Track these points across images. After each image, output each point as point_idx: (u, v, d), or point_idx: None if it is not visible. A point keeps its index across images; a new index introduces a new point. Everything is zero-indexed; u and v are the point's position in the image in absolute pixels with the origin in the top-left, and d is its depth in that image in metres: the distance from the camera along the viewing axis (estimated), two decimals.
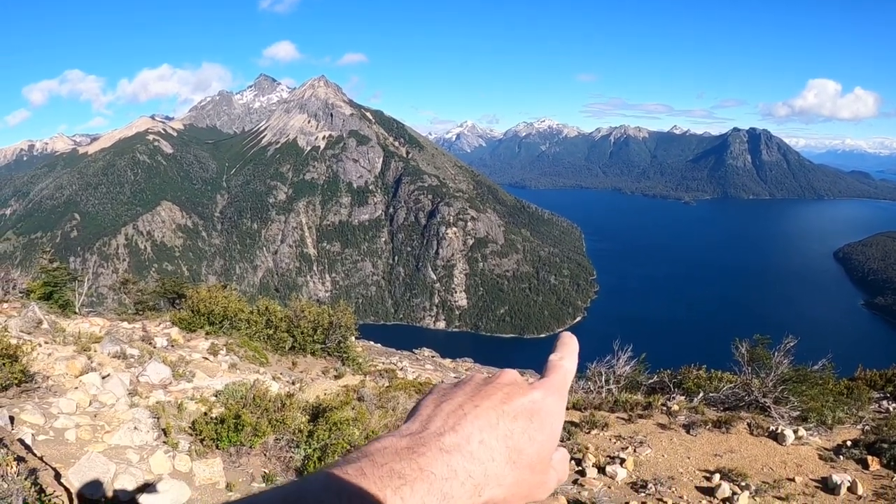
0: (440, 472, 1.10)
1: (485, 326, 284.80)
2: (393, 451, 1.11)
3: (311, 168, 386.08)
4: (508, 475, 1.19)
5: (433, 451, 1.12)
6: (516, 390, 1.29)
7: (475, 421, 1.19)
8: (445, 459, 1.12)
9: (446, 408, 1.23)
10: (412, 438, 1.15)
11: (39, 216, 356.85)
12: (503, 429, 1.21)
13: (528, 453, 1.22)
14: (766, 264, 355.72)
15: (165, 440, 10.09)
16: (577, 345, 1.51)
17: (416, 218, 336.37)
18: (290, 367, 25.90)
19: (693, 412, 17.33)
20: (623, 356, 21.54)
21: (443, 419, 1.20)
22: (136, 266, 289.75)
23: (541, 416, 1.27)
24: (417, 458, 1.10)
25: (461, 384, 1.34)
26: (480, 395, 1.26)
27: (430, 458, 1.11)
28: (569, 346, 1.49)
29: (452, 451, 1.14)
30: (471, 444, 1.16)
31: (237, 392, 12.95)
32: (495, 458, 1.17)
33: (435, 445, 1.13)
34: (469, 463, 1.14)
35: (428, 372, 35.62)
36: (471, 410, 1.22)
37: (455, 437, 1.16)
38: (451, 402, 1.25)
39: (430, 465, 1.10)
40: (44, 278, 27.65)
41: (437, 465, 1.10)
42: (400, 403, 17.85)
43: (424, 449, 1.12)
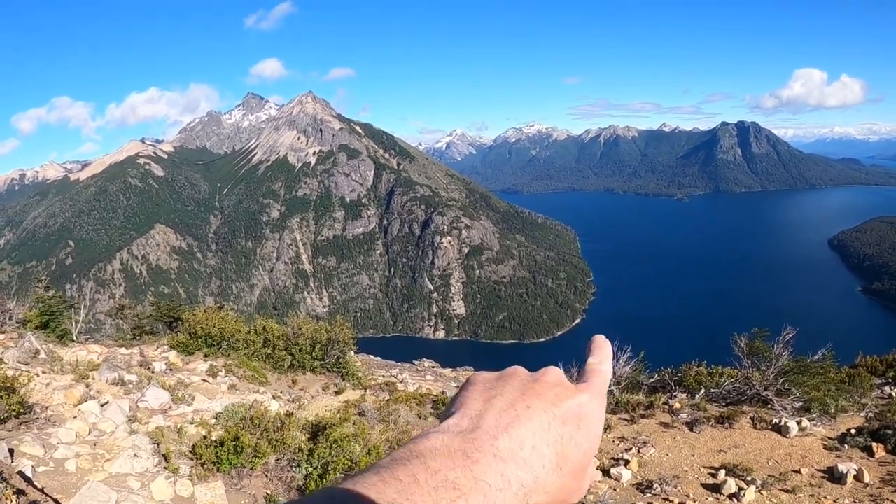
0: (494, 483, 1.04)
1: (484, 333, 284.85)
2: (446, 455, 1.05)
3: (303, 184, 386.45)
4: (555, 482, 1.15)
5: (488, 458, 1.06)
6: (565, 392, 1.25)
7: (528, 423, 1.15)
8: (500, 468, 1.07)
9: (497, 405, 1.17)
10: (464, 439, 1.10)
11: (33, 245, 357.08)
12: (554, 433, 1.17)
13: (573, 460, 1.19)
14: (762, 256, 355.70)
15: (166, 466, 10.04)
16: (611, 349, 1.45)
17: (410, 229, 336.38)
18: (290, 386, 25.83)
19: (695, 409, 17.30)
20: (623, 356, 21.49)
21: (495, 418, 1.14)
22: (133, 290, 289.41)
23: (588, 421, 1.23)
24: (472, 466, 1.04)
25: (505, 378, 1.28)
26: (531, 395, 1.20)
27: (484, 465, 1.05)
28: (604, 349, 1.43)
29: (507, 460, 1.08)
30: (524, 451, 1.11)
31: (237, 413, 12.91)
32: (545, 466, 1.13)
33: (489, 451, 1.08)
34: (522, 472, 1.09)
35: (429, 383, 35.55)
36: (523, 411, 1.16)
37: (509, 442, 1.10)
38: (502, 398, 1.19)
39: (484, 474, 1.04)
40: (40, 307, 27.46)
41: (492, 474, 1.05)
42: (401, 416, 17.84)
43: (479, 455, 1.06)
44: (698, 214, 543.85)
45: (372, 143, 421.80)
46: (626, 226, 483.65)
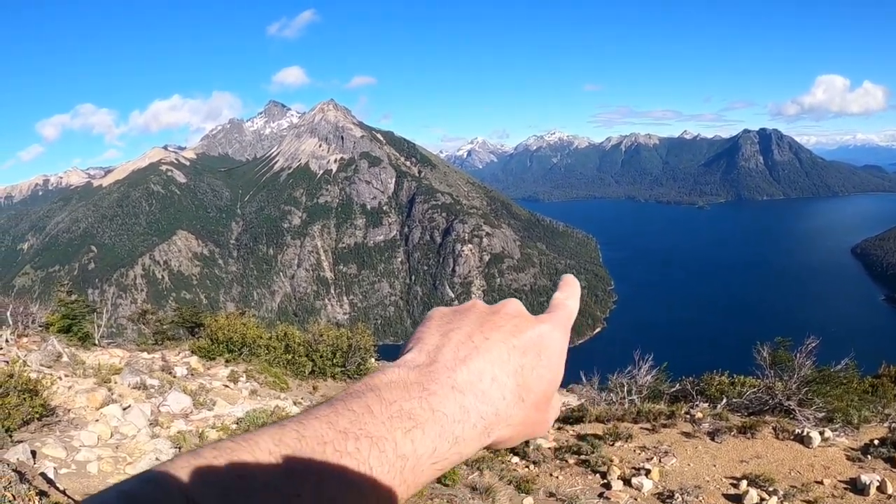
0: (452, 414, 1.02)
1: None
2: (402, 387, 1.02)
3: (324, 191, 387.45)
4: (517, 414, 1.13)
5: (445, 390, 1.03)
6: (524, 323, 1.21)
7: (486, 355, 1.10)
8: (458, 399, 1.04)
9: (455, 338, 1.12)
10: (421, 373, 1.05)
11: (56, 250, 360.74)
12: (514, 364, 1.13)
13: (536, 391, 1.15)
14: (784, 264, 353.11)
15: None
16: (579, 287, 1.45)
17: (431, 236, 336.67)
18: (311, 392, 25.83)
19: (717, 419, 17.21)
20: (644, 365, 21.41)
21: (452, 351, 1.10)
22: (154, 296, 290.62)
23: (549, 351, 1.20)
24: (429, 397, 1.01)
25: (463, 311, 1.24)
26: (489, 327, 1.16)
27: (441, 397, 1.02)
28: (572, 286, 1.44)
29: (465, 391, 1.05)
30: (483, 382, 1.07)
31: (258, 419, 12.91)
32: (506, 397, 1.10)
33: (447, 383, 1.04)
34: (482, 403, 1.06)
35: None
36: (482, 343, 1.12)
37: (468, 374, 1.07)
38: (460, 331, 1.14)
39: (441, 405, 1.01)
40: (62, 311, 27.62)
41: (449, 405, 1.02)
42: None
43: (436, 387, 1.03)
44: (720, 223, 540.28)
45: (393, 151, 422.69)
46: (648, 234, 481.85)
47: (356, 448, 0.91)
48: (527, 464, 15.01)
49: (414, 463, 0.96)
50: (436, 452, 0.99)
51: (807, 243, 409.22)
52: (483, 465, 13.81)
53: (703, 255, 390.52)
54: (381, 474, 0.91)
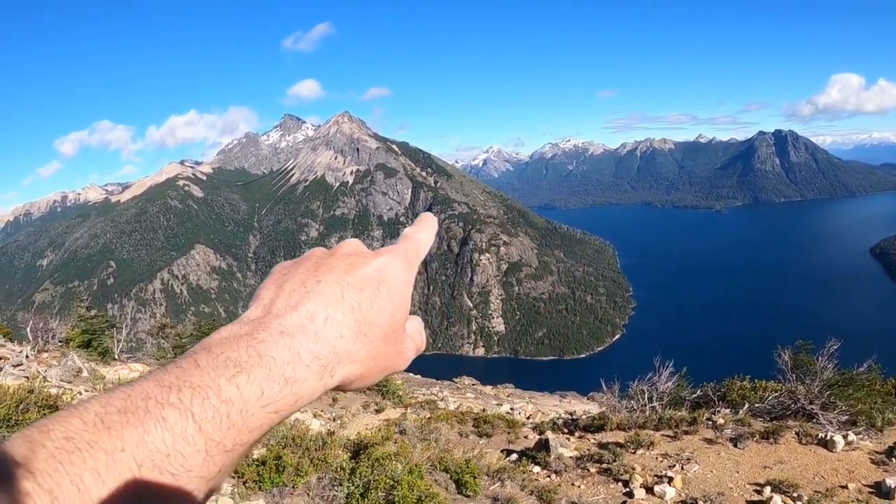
0: (281, 357, 1.02)
1: (524, 350, 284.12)
2: (232, 340, 1.02)
3: (340, 203, 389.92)
4: (361, 350, 1.13)
5: (273, 336, 1.03)
6: (360, 259, 1.21)
7: (318, 297, 1.10)
8: (287, 342, 1.03)
9: (288, 287, 1.13)
10: (253, 325, 1.06)
11: (75, 265, 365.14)
12: (349, 301, 1.12)
13: (378, 325, 1.15)
14: (802, 267, 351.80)
15: None
16: (435, 223, 1.47)
17: (448, 246, 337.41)
18: (331, 404, 25.84)
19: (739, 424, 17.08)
20: (665, 372, 21.30)
21: (285, 300, 1.10)
22: (174, 310, 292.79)
23: (389, 284, 1.20)
24: (256, 345, 1.01)
25: (301, 260, 1.23)
26: (323, 269, 1.17)
27: (269, 343, 1.02)
28: (425, 221, 1.46)
29: (295, 333, 1.05)
30: (315, 323, 1.08)
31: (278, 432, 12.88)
32: (344, 335, 1.10)
33: (276, 329, 1.04)
34: (314, 343, 1.06)
35: (469, 401, 35.44)
36: (314, 286, 1.12)
37: (297, 317, 1.07)
38: (293, 280, 1.14)
39: (269, 350, 1.01)
40: (82, 326, 27.69)
41: (278, 349, 1.02)
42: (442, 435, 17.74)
43: (265, 335, 1.03)
44: (737, 226, 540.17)
45: (409, 162, 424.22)
46: (665, 239, 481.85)
47: (178, 399, 0.92)
48: (548, 473, 14.95)
49: (241, 406, 0.96)
50: (265, 395, 0.99)
51: (825, 244, 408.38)
52: (504, 475, 13.76)
53: (721, 259, 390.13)
54: (204, 419, 0.92)
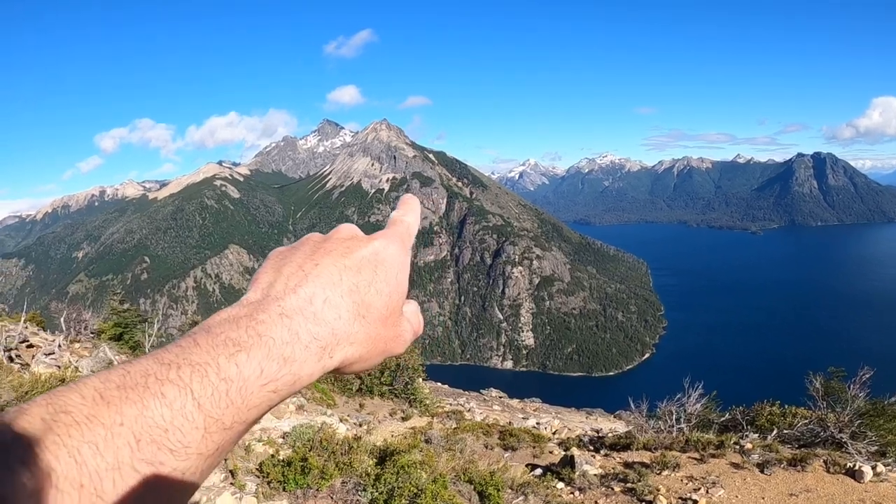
0: (280, 337, 1.05)
1: (552, 365, 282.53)
2: (231, 321, 1.06)
3: (375, 210, 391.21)
4: (359, 332, 1.17)
5: (273, 317, 1.07)
6: (356, 243, 1.27)
7: (317, 279, 1.15)
8: (286, 324, 1.07)
9: (286, 271, 1.17)
10: (252, 308, 1.09)
11: (110, 259, 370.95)
12: (347, 283, 1.17)
13: (376, 307, 1.20)
14: (839, 293, 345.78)
15: (233, 482, 10.09)
16: (418, 204, 1.52)
17: (481, 258, 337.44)
18: (358, 409, 25.88)
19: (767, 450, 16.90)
20: (694, 393, 21.15)
21: (283, 283, 1.14)
22: (205, 308, 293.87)
23: (385, 266, 1.25)
24: (256, 326, 1.05)
25: (297, 245, 1.27)
26: (320, 253, 1.21)
27: (269, 324, 1.06)
28: (410, 203, 1.51)
29: (293, 315, 1.09)
30: (314, 305, 1.12)
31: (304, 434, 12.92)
32: (342, 316, 1.14)
33: (275, 311, 1.08)
34: (313, 325, 1.10)
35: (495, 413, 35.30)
36: (312, 269, 1.17)
37: (296, 300, 1.11)
38: (291, 264, 1.19)
39: (269, 331, 1.05)
40: (114, 319, 27.96)
41: (277, 330, 1.06)
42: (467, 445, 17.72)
43: (264, 316, 1.06)
44: (773, 248, 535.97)
45: (445, 172, 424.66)
46: (700, 259, 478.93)
47: (178, 375, 0.93)
48: (572, 490, 14.87)
49: (240, 385, 0.98)
50: (264, 374, 1.01)
51: (862, 270, 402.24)
52: (528, 490, 13.70)
53: (755, 280, 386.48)
54: (203, 396, 0.94)
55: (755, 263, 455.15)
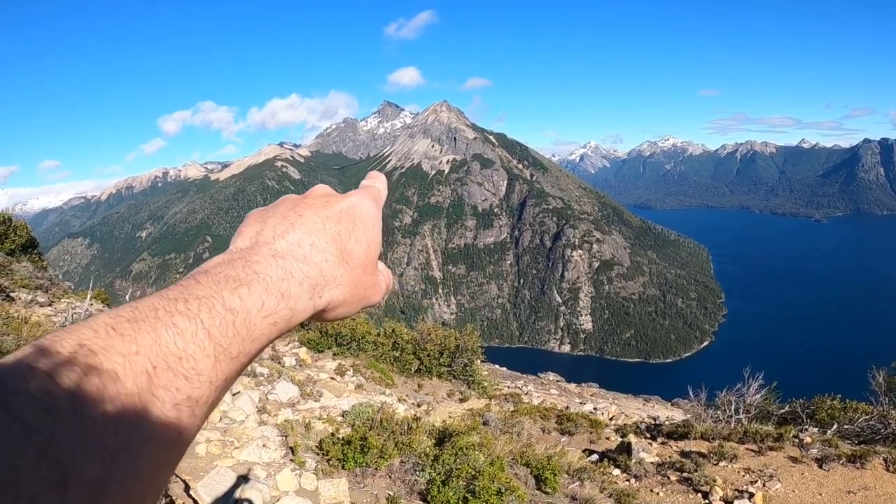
0: (276, 274, 1.12)
1: (610, 350, 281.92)
2: (227, 263, 1.12)
3: (435, 192, 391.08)
4: (343, 274, 1.26)
5: (266, 258, 1.14)
6: (334, 198, 1.37)
7: (302, 227, 1.24)
8: (280, 263, 1.15)
9: (272, 221, 1.25)
10: (244, 251, 1.16)
11: (173, 238, 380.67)
12: (330, 231, 1.27)
13: (357, 254, 1.30)
14: None
15: (292, 458, 10.22)
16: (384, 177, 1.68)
17: (541, 240, 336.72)
18: (416, 390, 25.98)
19: (826, 445, 16.68)
20: (754, 384, 20.89)
21: (271, 230, 1.22)
22: None
23: (362, 218, 1.35)
24: (252, 265, 1.12)
25: (278, 203, 1.38)
26: (302, 206, 1.31)
27: (264, 263, 1.13)
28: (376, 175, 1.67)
29: (286, 256, 1.17)
30: (302, 248, 1.20)
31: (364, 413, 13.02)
32: (328, 259, 1.23)
33: (267, 252, 1.16)
34: (303, 265, 1.18)
35: (553, 397, 35.22)
36: (296, 219, 1.26)
37: (285, 243, 1.19)
38: (276, 216, 1.28)
39: (265, 269, 1.12)
40: None
41: (272, 268, 1.13)
42: (525, 428, 17.71)
43: (258, 257, 1.14)
44: (837, 236, 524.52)
45: (505, 154, 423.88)
46: (762, 246, 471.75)
47: (186, 308, 0.98)
48: (628, 477, 14.85)
49: (245, 316, 1.04)
50: (265, 307, 1.07)
51: None
52: (584, 475, 13.71)
53: (818, 270, 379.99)
54: (213, 325, 0.99)
55: (819, 252, 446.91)
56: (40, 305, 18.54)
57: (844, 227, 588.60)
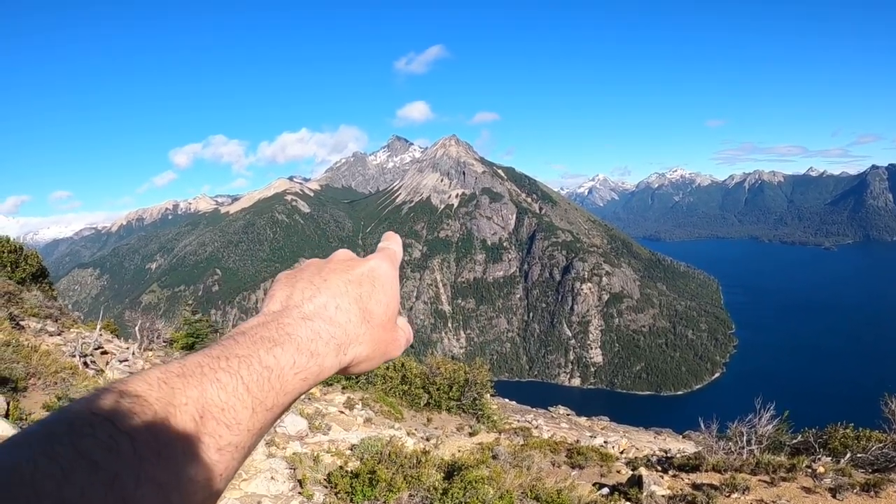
0: (305, 335, 1.25)
1: (620, 383, 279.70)
2: (262, 325, 1.25)
3: (444, 226, 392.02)
4: (366, 334, 1.39)
5: (296, 320, 1.28)
6: (355, 262, 1.52)
7: (327, 291, 1.37)
8: (308, 325, 1.28)
9: (300, 286, 1.39)
10: (276, 314, 1.30)
11: (183, 270, 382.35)
12: (353, 293, 1.39)
13: (377, 313, 1.42)
14: None
15: (301, 491, 10.21)
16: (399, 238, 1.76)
17: (550, 274, 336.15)
18: (425, 424, 25.89)
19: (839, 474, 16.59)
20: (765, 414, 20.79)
21: (300, 294, 1.36)
22: None
23: (381, 280, 1.47)
24: (284, 327, 1.25)
25: (303, 268, 1.51)
26: (326, 271, 1.45)
27: (294, 325, 1.26)
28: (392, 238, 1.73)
29: (314, 318, 1.30)
30: (328, 310, 1.34)
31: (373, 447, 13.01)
32: (351, 320, 1.36)
33: (297, 315, 1.29)
34: (330, 326, 1.31)
35: (563, 430, 35.05)
36: (321, 283, 1.39)
37: (313, 307, 1.33)
38: (302, 280, 1.41)
39: (295, 331, 1.25)
40: (186, 329, 28.63)
41: (302, 330, 1.26)
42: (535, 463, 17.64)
43: (289, 320, 1.27)
44: (847, 264, 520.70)
45: (514, 187, 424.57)
46: (772, 276, 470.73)
47: (227, 365, 1.11)
48: None
49: (279, 373, 1.17)
50: (296, 364, 1.21)
51: None
52: None
53: (829, 299, 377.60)
54: (251, 381, 1.12)
55: (829, 281, 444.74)
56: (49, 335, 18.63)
57: (854, 254, 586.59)
